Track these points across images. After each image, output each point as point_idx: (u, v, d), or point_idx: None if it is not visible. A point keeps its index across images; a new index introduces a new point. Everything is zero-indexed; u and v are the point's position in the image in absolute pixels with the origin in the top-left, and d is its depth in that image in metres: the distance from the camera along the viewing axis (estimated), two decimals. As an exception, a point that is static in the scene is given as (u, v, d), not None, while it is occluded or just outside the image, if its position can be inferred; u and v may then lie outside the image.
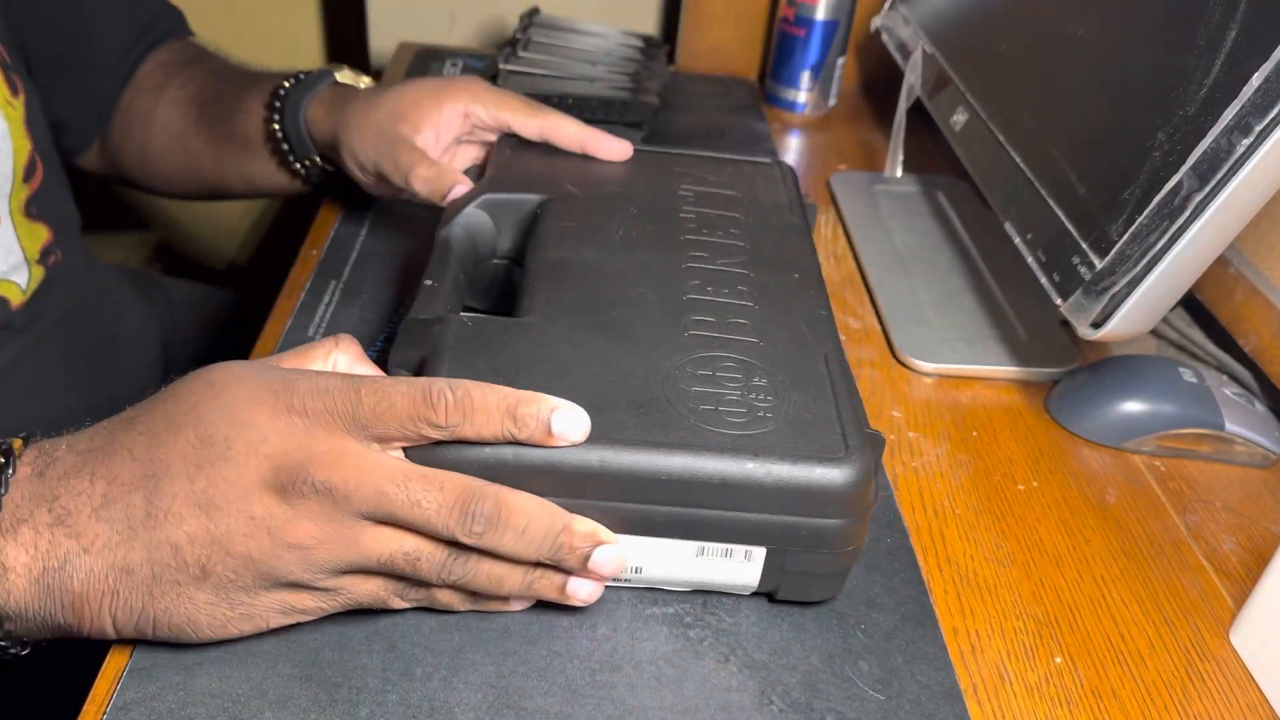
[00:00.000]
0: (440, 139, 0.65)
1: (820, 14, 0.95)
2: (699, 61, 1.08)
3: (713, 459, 0.42)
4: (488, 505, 0.39)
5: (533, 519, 0.40)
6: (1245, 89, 0.48)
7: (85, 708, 0.41)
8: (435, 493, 0.39)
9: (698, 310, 0.51)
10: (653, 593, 0.48)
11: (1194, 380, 0.63)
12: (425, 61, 1.04)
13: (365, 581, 0.41)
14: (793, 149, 0.98)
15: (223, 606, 0.40)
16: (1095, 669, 0.48)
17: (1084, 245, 0.56)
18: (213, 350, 0.83)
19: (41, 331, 0.67)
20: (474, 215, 0.58)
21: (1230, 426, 0.61)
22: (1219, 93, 0.50)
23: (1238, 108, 0.49)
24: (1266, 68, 0.48)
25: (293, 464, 0.38)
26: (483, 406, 0.40)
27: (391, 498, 0.38)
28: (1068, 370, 0.66)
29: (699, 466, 0.42)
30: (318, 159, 0.71)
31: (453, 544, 0.40)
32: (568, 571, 0.43)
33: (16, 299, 0.64)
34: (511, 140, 0.66)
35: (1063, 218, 0.59)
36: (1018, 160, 0.65)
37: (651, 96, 0.86)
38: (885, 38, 0.92)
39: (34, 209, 0.64)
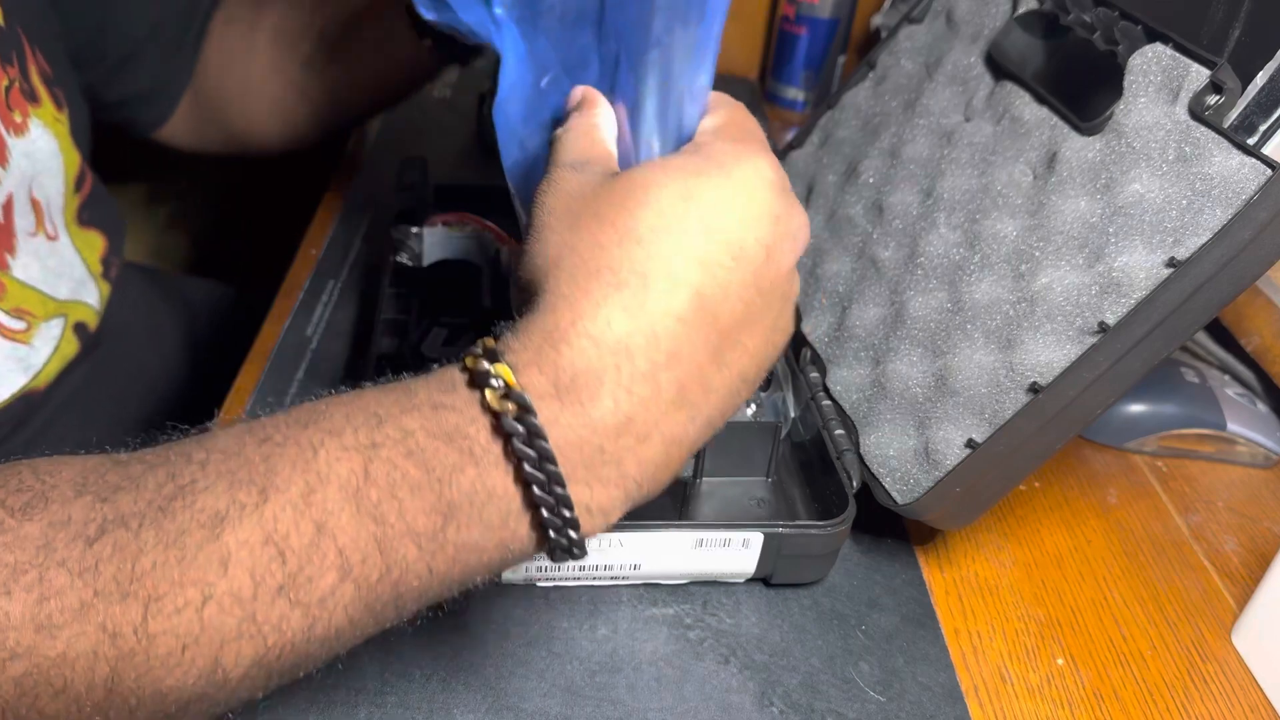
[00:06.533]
0: None
1: (821, 13, 0.95)
2: (699, 60, 1.08)
3: None
4: None
5: None
6: (1250, 88, 0.48)
7: (82, 709, 0.40)
8: None
9: None
10: (652, 594, 0.47)
11: (1196, 380, 0.63)
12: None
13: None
14: (793, 148, 0.97)
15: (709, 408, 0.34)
16: (1097, 670, 0.48)
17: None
18: (211, 347, 0.83)
19: (110, 349, 0.66)
20: None
21: (1232, 427, 0.60)
22: (1222, 92, 0.50)
23: (1241, 107, 0.49)
24: (1271, 67, 0.48)
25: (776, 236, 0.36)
26: None
27: None
28: (1069, 370, 0.66)
29: None
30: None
31: None
32: None
33: (93, 320, 0.63)
34: None
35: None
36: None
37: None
38: (885, 36, 0.92)
39: (85, 215, 0.63)
